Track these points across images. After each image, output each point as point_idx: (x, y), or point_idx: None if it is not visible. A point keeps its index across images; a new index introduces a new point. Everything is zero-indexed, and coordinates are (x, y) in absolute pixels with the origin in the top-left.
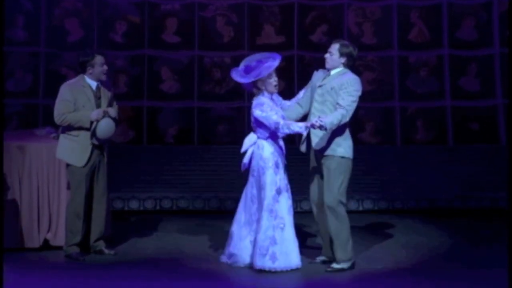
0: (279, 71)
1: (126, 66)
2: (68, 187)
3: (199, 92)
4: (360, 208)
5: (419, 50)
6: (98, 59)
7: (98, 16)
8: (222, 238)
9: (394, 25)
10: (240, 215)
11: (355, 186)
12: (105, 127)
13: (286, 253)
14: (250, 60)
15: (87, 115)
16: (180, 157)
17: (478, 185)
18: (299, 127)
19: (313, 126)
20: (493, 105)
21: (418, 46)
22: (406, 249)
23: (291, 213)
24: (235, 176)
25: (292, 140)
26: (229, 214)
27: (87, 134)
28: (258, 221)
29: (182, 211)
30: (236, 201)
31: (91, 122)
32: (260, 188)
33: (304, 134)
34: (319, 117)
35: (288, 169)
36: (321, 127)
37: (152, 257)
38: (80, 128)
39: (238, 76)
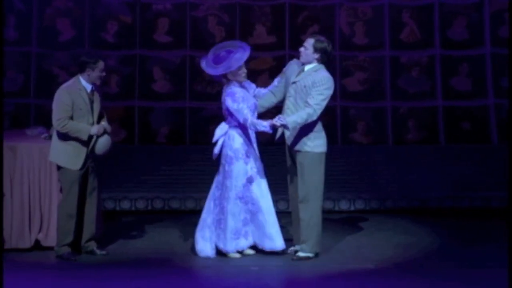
0: (271, 71)
1: (117, 66)
2: (60, 188)
3: (191, 92)
4: (352, 208)
5: (410, 50)
6: (100, 64)
7: (89, 16)
8: None
9: (385, 25)
10: (209, 202)
11: (346, 186)
12: (104, 144)
13: (267, 236)
14: (219, 48)
15: (88, 128)
16: (172, 157)
17: (470, 185)
18: (263, 126)
19: (275, 126)
20: (484, 105)
21: (409, 46)
22: (398, 249)
23: (269, 198)
24: None
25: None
26: None
27: (83, 141)
28: (223, 205)
29: (173, 211)
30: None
31: (90, 136)
32: (226, 177)
33: (270, 132)
34: (279, 117)
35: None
36: (283, 126)
37: (144, 257)
38: (76, 139)
39: (208, 67)
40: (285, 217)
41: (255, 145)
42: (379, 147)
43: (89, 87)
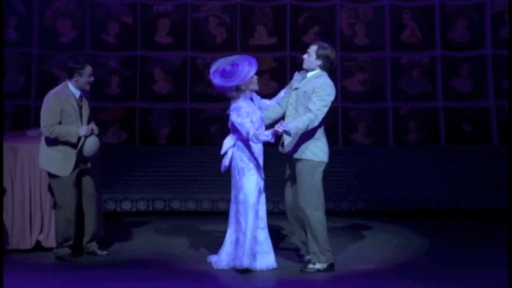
0: (271, 72)
1: (118, 67)
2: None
3: (191, 93)
4: (353, 209)
5: (411, 51)
6: (88, 69)
7: (90, 17)
8: (214, 239)
9: (386, 26)
10: (230, 218)
11: (347, 187)
12: (91, 145)
13: (267, 252)
14: (221, 64)
15: (76, 130)
16: (173, 158)
17: (470, 186)
18: (266, 136)
19: (276, 132)
20: (485, 106)
21: (410, 47)
22: (398, 250)
23: (266, 213)
24: (228, 178)
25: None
26: (221, 215)
27: (71, 146)
28: (239, 221)
29: (174, 212)
30: (229, 202)
31: (79, 138)
32: (239, 189)
33: (273, 141)
34: (281, 123)
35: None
36: (285, 132)
37: (145, 258)
38: (65, 143)
39: (222, 81)
40: (286, 219)
41: (262, 157)
42: (380, 148)
43: (77, 93)
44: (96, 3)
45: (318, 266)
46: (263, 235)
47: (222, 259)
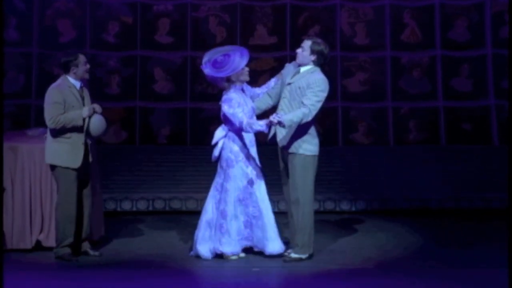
0: (272, 72)
1: (118, 67)
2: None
3: (191, 93)
4: (353, 209)
5: (411, 50)
6: (81, 58)
7: (90, 16)
8: None
9: (386, 25)
10: (208, 204)
11: (347, 187)
12: (98, 123)
13: (267, 239)
14: (213, 54)
15: (79, 113)
16: (173, 158)
17: (471, 186)
18: (260, 126)
19: (271, 122)
20: (485, 106)
21: (410, 46)
22: (398, 249)
23: (268, 201)
24: None
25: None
26: None
27: (78, 135)
28: (224, 212)
29: (174, 211)
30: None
31: (84, 120)
32: (226, 179)
33: (266, 131)
34: (277, 113)
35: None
36: (279, 123)
37: (145, 258)
38: (72, 130)
39: (213, 71)
40: (286, 218)
41: (255, 148)
42: (380, 148)
43: (78, 84)
44: (96, 3)
45: (300, 255)
46: (261, 223)
47: (206, 245)
